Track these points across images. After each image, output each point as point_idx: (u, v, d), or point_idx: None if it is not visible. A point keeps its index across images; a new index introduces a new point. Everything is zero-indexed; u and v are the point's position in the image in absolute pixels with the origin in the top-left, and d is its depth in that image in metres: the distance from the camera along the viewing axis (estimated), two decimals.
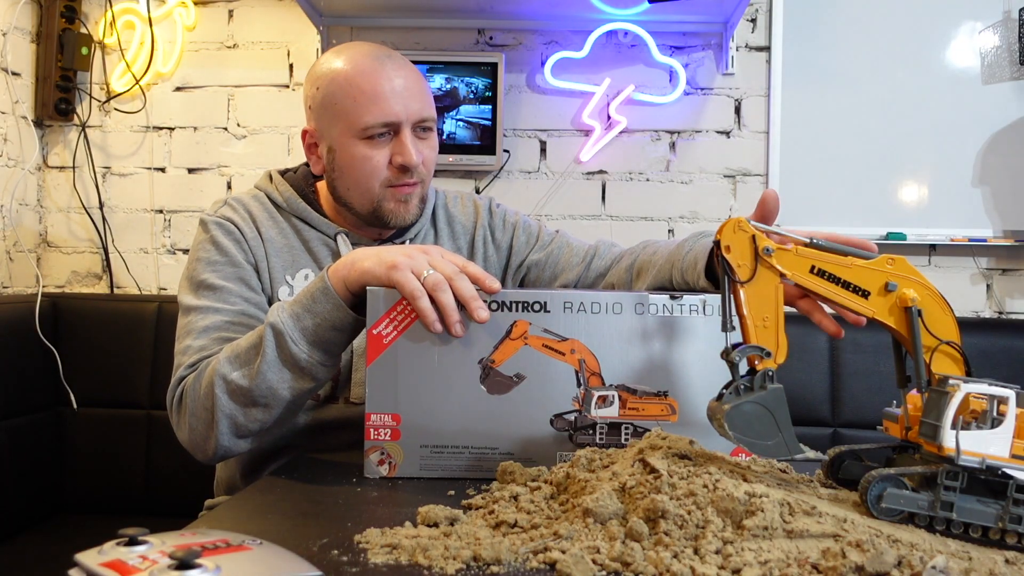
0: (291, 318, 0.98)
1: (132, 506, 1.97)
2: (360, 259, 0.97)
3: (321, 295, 0.98)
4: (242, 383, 0.99)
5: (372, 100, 1.16)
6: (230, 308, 1.14)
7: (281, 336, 0.98)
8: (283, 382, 0.99)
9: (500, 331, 0.93)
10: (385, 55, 1.21)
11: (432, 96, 1.25)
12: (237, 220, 1.22)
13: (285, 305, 1.00)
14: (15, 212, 2.19)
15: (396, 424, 0.93)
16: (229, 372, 1.00)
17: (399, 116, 1.16)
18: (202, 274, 1.17)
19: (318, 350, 0.99)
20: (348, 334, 1.00)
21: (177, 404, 1.08)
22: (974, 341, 1.90)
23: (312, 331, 0.98)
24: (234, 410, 1.01)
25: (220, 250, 1.19)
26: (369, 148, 1.17)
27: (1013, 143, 2.17)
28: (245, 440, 1.04)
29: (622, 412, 0.95)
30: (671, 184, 2.26)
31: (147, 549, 0.56)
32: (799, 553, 0.63)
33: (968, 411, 0.72)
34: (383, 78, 1.17)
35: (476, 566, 0.63)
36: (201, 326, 1.11)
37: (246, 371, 1.00)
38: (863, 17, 2.21)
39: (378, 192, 1.19)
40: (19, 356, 1.89)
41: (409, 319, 0.93)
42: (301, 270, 1.22)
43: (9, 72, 2.14)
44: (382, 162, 1.18)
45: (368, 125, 1.16)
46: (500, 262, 1.37)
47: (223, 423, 1.01)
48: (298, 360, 0.98)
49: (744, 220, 0.77)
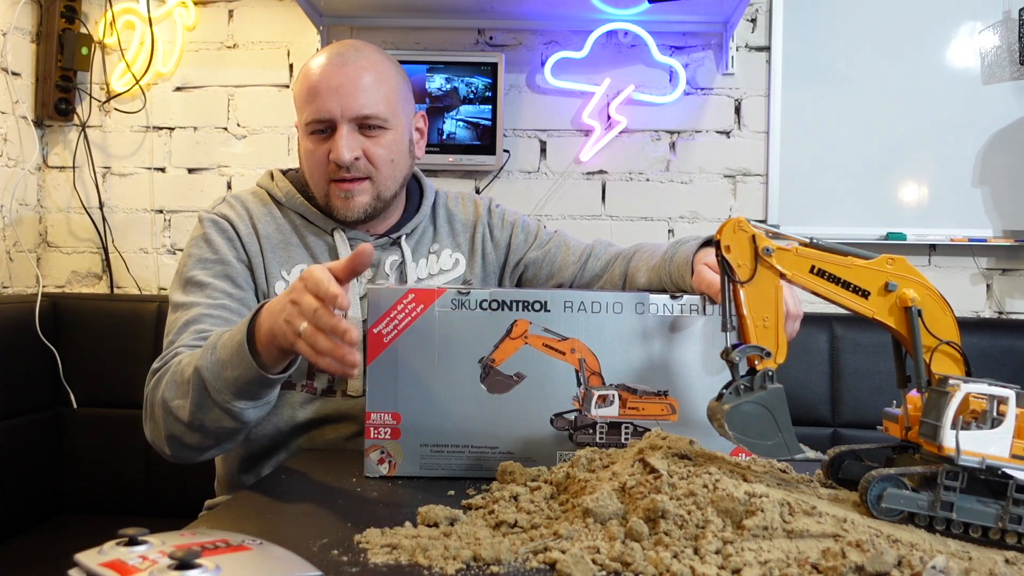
0: (217, 364, 0.99)
1: (132, 506, 1.97)
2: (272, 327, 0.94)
3: (236, 350, 0.97)
4: (180, 415, 1.03)
5: (312, 96, 1.20)
6: (211, 303, 1.16)
7: (206, 383, 0.99)
8: (214, 421, 1.01)
9: (500, 330, 0.93)
10: (340, 53, 1.21)
11: (392, 96, 1.23)
12: (233, 217, 1.24)
13: (218, 346, 1.00)
14: (15, 212, 2.19)
15: (396, 423, 0.93)
16: (171, 398, 1.04)
17: (332, 112, 1.19)
18: (191, 271, 1.20)
19: (242, 399, 1.00)
20: (274, 383, 1.00)
21: (146, 403, 1.11)
22: (974, 341, 1.90)
23: (234, 383, 0.98)
24: (176, 431, 1.05)
25: (211, 247, 1.21)
26: (312, 143, 1.22)
27: (1013, 143, 2.17)
28: (195, 453, 1.08)
29: (622, 412, 0.95)
30: (671, 184, 2.26)
31: (147, 549, 0.56)
32: (799, 553, 0.63)
33: (968, 411, 0.72)
34: (324, 76, 1.19)
35: (476, 566, 0.63)
36: (183, 320, 1.14)
37: (183, 403, 1.02)
38: (863, 17, 2.21)
39: (324, 187, 1.23)
40: (19, 356, 1.89)
41: (410, 318, 0.93)
42: (297, 265, 1.24)
43: (9, 72, 2.14)
44: (323, 157, 1.21)
45: (307, 120, 1.21)
46: (498, 260, 1.38)
47: (170, 440, 1.07)
48: (223, 407, 0.99)
49: (744, 220, 0.77)
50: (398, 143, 1.24)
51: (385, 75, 1.23)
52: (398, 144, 1.24)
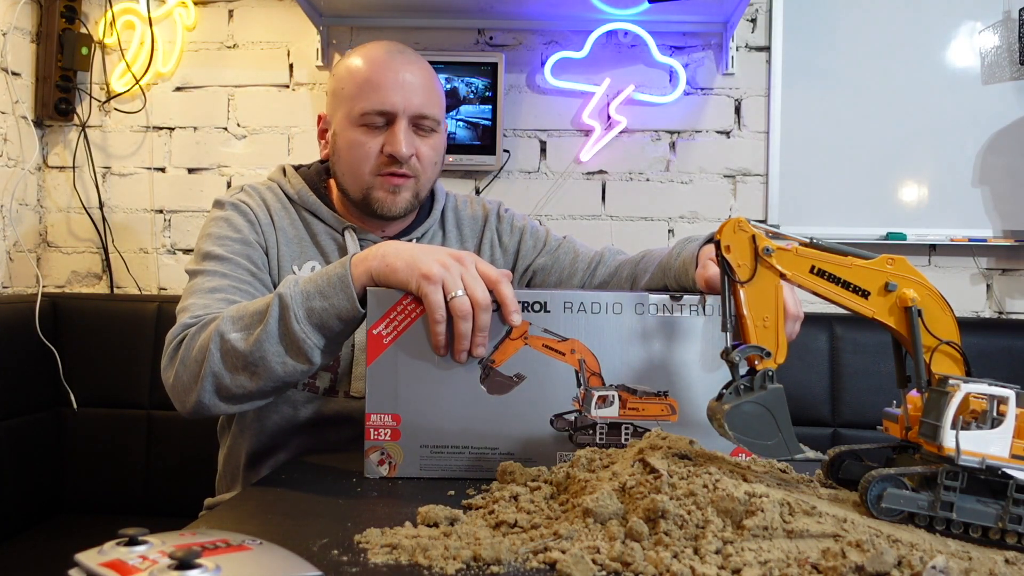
0: (301, 294, 0.97)
1: (132, 506, 1.97)
2: (392, 256, 0.94)
3: (338, 281, 0.96)
4: (238, 346, 0.98)
5: (373, 88, 1.19)
6: (235, 275, 1.14)
7: (287, 310, 0.96)
8: (277, 356, 0.97)
9: (500, 331, 0.93)
10: (399, 50, 1.24)
11: (442, 100, 1.27)
12: (252, 205, 1.25)
13: (300, 280, 0.99)
14: (15, 212, 2.19)
15: (396, 424, 0.93)
16: (229, 331, 0.99)
17: (395, 106, 1.19)
18: (210, 246, 1.18)
19: (319, 334, 0.97)
20: (353, 327, 0.99)
21: (174, 349, 1.06)
22: (974, 341, 1.90)
23: (318, 314, 0.96)
24: (222, 370, 1.00)
25: (232, 227, 1.21)
26: (363, 134, 1.21)
27: (1013, 143, 2.17)
28: (226, 403, 1.02)
29: (622, 412, 0.95)
30: (671, 184, 2.26)
31: (147, 549, 0.56)
32: (799, 553, 0.63)
33: (968, 411, 0.72)
34: (388, 68, 1.20)
35: (476, 566, 0.63)
36: (208, 287, 1.12)
37: (245, 335, 0.98)
38: (863, 17, 2.21)
39: (368, 179, 1.22)
40: (19, 356, 1.89)
41: (409, 320, 0.92)
42: (308, 261, 1.24)
43: (9, 72, 2.14)
44: (374, 149, 1.21)
45: (365, 111, 1.19)
46: (507, 266, 1.38)
47: (208, 380, 1.00)
48: (297, 338, 0.96)
49: (744, 220, 0.77)
50: (440, 147, 1.28)
51: (437, 79, 1.28)
52: (440, 148, 1.28)
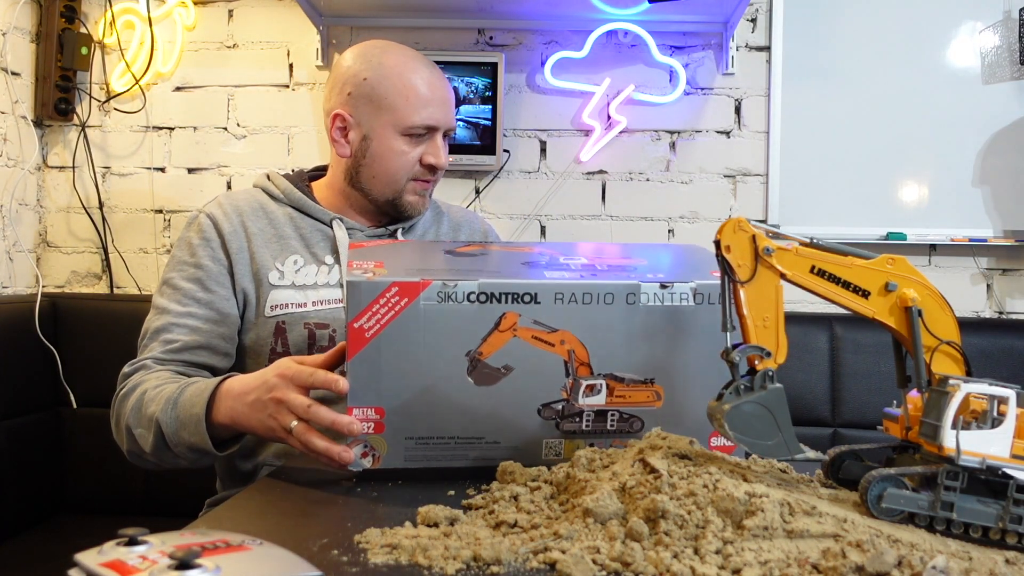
0: (175, 422, 1.07)
1: (132, 506, 1.96)
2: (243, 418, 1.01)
3: (194, 423, 1.05)
4: (141, 443, 1.12)
5: (424, 103, 1.27)
6: (180, 310, 1.24)
7: (163, 435, 1.08)
8: (170, 459, 1.12)
9: (489, 323, 0.91)
10: (430, 63, 1.34)
11: None
12: (219, 216, 1.30)
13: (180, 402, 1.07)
14: (15, 212, 2.19)
15: (380, 417, 0.91)
16: (134, 426, 1.12)
17: (439, 122, 1.29)
18: (169, 272, 1.29)
19: (195, 452, 1.08)
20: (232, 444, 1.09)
21: (112, 404, 1.20)
22: (974, 341, 1.90)
23: (187, 443, 1.07)
24: (137, 451, 1.14)
25: (189, 250, 1.29)
26: (407, 144, 1.29)
27: (1013, 143, 2.17)
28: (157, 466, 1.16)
29: (609, 400, 0.94)
30: (671, 184, 2.26)
31: (147, 549, 0.56)
32: (799, 553, 0.63)
33: (968, 411, 0.72)
34: (435, 86, 1.30)
35: (476, 566, 0.63)
36: (155, 326, 1.24)
37: (145, 433, 1.11)
38: (863, 17, 2.21)
39: (401, 183, 1.31)
40: (19, 356, 1.89)
41: (393, 313, 0.89)
42: (291, 256, 1.29)
43: (9, 72, 2.13)
44: (415, 158, 1.30)
45: (414, 124, 1.27)
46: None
47: (131, 455, 1.17)
48: (179, 454, 1.09)
49: (744, 220, 0.77)
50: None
51: None
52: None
